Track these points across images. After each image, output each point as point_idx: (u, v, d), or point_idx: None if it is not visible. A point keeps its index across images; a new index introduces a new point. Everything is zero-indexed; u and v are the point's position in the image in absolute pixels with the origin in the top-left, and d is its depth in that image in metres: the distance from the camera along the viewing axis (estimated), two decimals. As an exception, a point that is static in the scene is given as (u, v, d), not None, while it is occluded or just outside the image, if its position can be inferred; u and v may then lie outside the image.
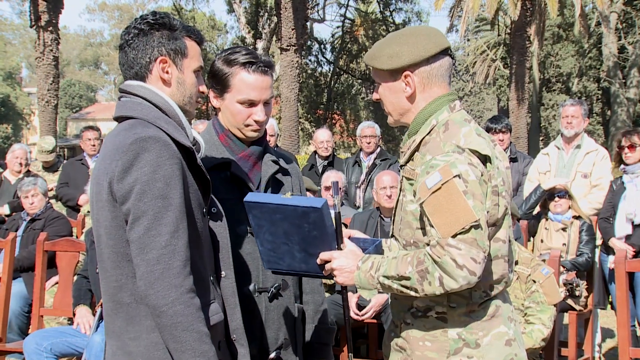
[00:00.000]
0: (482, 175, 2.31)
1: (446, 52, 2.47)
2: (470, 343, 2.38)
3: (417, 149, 2.46)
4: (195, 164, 2.34)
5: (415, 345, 2.45)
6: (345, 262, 2.47)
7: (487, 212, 2.32)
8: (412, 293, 2.32)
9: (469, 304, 2.40)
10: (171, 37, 2.37)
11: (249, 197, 2.51)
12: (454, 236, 2.23)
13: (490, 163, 2.36)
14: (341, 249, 2.52)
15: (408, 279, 2.31)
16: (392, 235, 2.65)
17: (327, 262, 2.51)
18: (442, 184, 2.26)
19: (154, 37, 2.35)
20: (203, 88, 2.48)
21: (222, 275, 2.47)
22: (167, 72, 2.37)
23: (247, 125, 2.78)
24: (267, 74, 2.77)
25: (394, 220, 2.59)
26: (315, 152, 8.25)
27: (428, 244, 2.34)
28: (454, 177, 2.25)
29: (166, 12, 2.49)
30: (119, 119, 2.37)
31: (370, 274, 2.40)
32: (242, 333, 2.49)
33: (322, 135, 8.21)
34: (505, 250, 2.42)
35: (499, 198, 2.37)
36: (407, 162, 2.50)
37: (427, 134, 2.44)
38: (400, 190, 2.52)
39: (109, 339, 2.33)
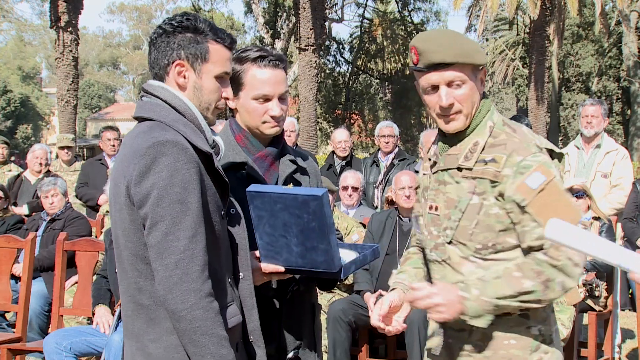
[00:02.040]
0: (560, 173, 2.39)
1: None
2: (546, 338, 2.42)
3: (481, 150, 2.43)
4: (213, 166, 2.33)
5: (499, 344, 2.42)
6: (447, 295, 2.32)
7: None
8: (534, 305, 2.32)
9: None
10: (193, 40, 2.32)
11: (252, 187, 2.51)
12: None
13: (560, 161, 2.44)
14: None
15: (530, 292, 2.28)
16: (449, 242, 2.48)
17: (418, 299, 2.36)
18: (547, 184, 2.29)
19: (176, 40, 2.32)
20: (226, 94, 2.46)
21: (240, 277, 2.46)
22: (183, 77, 2.34)
23: (265, 122, 2.76)
24: (278, 68, 2.74)
25: (457, 225, 2.44)
26: (333, 152, 8.25)
27: (532, 248, 2.33)
28: (554, 177, 2.30)
29: (196, 14, 2.44)
30: (138, 119, 2.36)
31: (482, 299, 2.30)
32: (259, 335, 2.49)
33: (340, 135, 8.21)
34: None
35: None
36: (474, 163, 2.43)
37: (490, 136, 2.43)
38: (474, 193, 2.41)
39: (128, 339, 2.33)
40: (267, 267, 2.56)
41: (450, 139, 2.50)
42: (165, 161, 2.16)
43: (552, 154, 2.41)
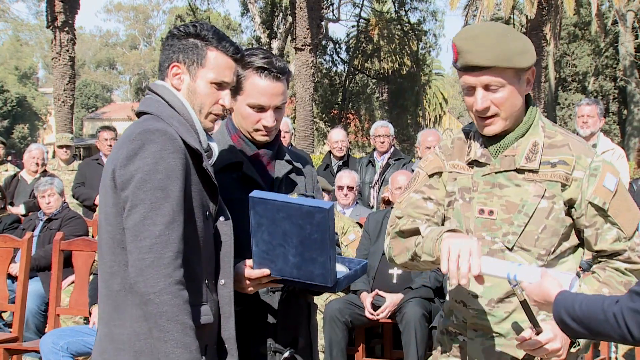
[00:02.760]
0: None
1: None
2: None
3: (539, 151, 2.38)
4: (201, 166, 2.36)
5: None
6: (562, 339, 2.23)
7: None
8: None
9: None
10: (194, 45, 2.40)
11: (255, 193, 2.49)
12: (633, 234, 2.31)
13: None
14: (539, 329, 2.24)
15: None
16: (509, 249, 2.39)
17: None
18: (618, 185, 2.32)
19: (179, 44, 2.41)
20: (224, 101, 2.47)
21: (221, 283, 2.46)
22: (179, 79, 2.42)
23: (257, 130, 2.78)
24: (279, 80, 2.75)
25: (523, 230, 2.36)
26: (330, 152, 8.25)
27: (601, 253, 2.36)
28: (620, 175, 2.35)
29: (208, 23, 2.53)
30: (139, 115, 2.43)
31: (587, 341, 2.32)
32: (234, 344, 2.47)
33: (337, 135, 8.21)
34: None
35: None
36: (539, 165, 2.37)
37: (545, 136, 2.39)
38: (544, 197, 2.35)
39: (99, 324, 2.37)
40: (250, 273, 2.53)
41: (499, 139, 2.42)
42: (152, 148, 2.21)
43: None
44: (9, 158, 14.07)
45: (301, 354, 2.84)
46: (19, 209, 7.83)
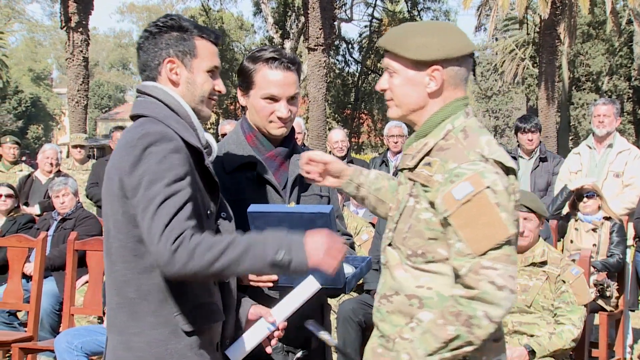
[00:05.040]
0: (508, 186, 2.16)
1: (472, 55, 2.35)
2: None
3: (427, 153, 2.27)
4: (203, 164, 2.35)
5: None
6: None
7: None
8: (469, 349, 2.11)
9: None
10: (180, 38, 2.38)
11: (252, 207, 2.48)
12: (484, 254, 2.08)
13: (515, 176, 2.22)
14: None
15: (457, 338, 2.09)
16: (389, 245, 2.35)
17: None
18: (474, 196, 2.10)
19: (162, 40, 2.38)
20: (219, 87, 2.46)
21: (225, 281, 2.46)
22: (175, 74, 2.38)
23: (271, 122, 2.78)
24: (290, 70, 2.76)
25: (395, 227, 2.32)
26: (330, 152, 8.23)
27: (455, 270, 2.16)
28: (486, 188, 2.10)
29: (179, 14, 2.50)
30: (133, 118, 2.40)
31: None
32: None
33: (337, 135, 8.16)
34: None
35: (518, 213, 2.24)
36: (416, 166, 2.29)
37: (442, 139, 2.26)
38: (411, 195, 2.28)
39: (111, 333, 2.34)
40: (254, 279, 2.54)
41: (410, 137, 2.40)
42: (154, 150, 2.18)
43: (504, 168, 2.19)
44: (24, 158, 14.16)
45: (314, 355, 2.83)
46: (34, 209, 7.86)
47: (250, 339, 2.43)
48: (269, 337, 2.47)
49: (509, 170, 2.20)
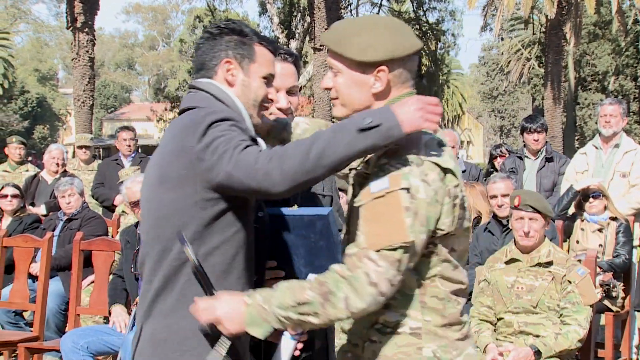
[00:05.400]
0: (435, 194, 2.11)
1: (418, 52, 2.30)
2: None
3: None
4: None
5: None
6: (230, 305, 2.15)
7: (441, 230, 2.15)
8: (311, 319, 2.08)
9: (443, 316, 2.22)
10: (240, 41, 2.41)
11: None
12: (378, 251, 2.05)
13: (453, 175, 2.17)
14: (213, 295, 2.21)
15: (308, 304, 2.06)
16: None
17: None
18: (387, 193, 2.07)
19: (222, 41, 2.41)
20: (273, 96, 2.48)
21: (254, 279, 2.45)
22: (232, 74, 2.40)
23: (271, 114, 2.69)
24: (287, 61, 2.76)
25: (348, 230, 2.30)
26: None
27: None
28: (401, 189, 2.07)
29: (240, 20, 2.52)
30: (182, 111, 2.40)
31: (262, 307, 2.11)
32: (247, 342, 2.44)
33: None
34: (463, 260, 2.28)
35: (465, 212, 2.22)
36: (359, 164, 2.28)
37: None
38: (354, 194, 2.24)
39: (151, 319, 2.30)
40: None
41: None
42: (220, 123, 2.19)
43: (441, 169, 2.15)
44: (30, 158, 14.18)
45: (317, 356, 2.82)
46: (40, 209, 7.88)
47: (284, 354, 2.42)
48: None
49: (446, 171, 2.16)
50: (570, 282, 4.44)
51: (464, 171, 7.21)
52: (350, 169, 2.35)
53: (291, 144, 2.13)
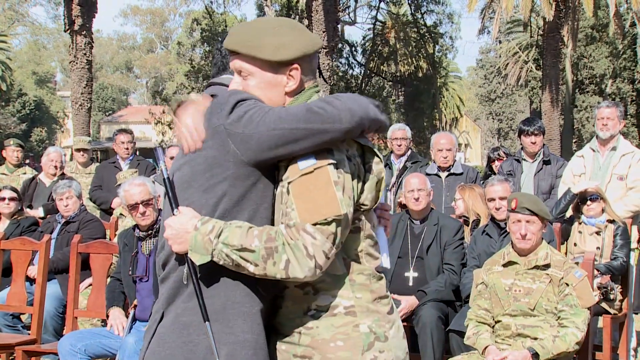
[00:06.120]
0: (356, 168, 2.22)
1: (320, 49, 2.40)
2: (380, 336, 2.25)
3: None
4: None
5: (325, 348, 2.22)
6: (179, 226, 2.20)
7: (365, 205, 2.25)
8: (250, 268, 2.12)
9: (372, 291, 2.28)
10: None
11: None
12: (314, 225, 2.10)
13: (372, 154, 2.27)
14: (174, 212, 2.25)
15: (252, 252, 2.10)
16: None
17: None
18: (315, 169, 2.13)
19: None
20: None
21: None
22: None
23: None
24: None
25: (272, 219, 2.28)
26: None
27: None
28: (329, 164, 2.14)
29: None
30: None
31: (209, 237, 2.14)
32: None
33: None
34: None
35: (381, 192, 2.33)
36: None
37: None
38: (279, 182, 2.25)
39: (174, 306, 2.27)
40: None
41: None
42: (245, 100, 2.23)
43: (359, 146, 2.26)
44: (27, 161, 14.18)
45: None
46: (38, 212, 7.87)
47: None
48: None
49: (364, 149, 2.26)
50: (567, 284, 4.44)
51: (461, 173, 7.22)
52: None
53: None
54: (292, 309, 2.28)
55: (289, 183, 2.16)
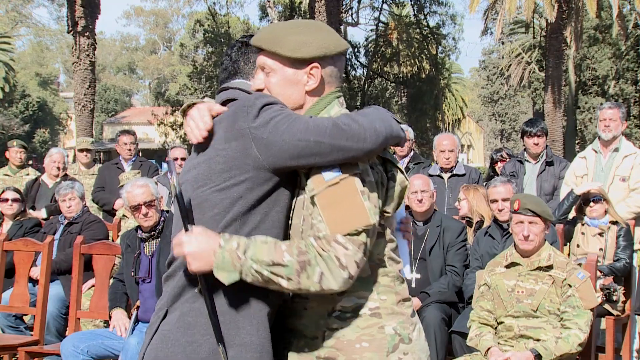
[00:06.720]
0: (380, 177, 2.24)
1: (345, 53, 2.39)
2: (404, 338, 2.27)
3: None
4: None
5: (350, 349, 2.23)
6: (199, 244, 2.15)
7: (388, 212, 2.27)
8: (283, 283, 2.11)
9: (396, 293, 2.30)
10: None
11: None
12: (344, 235, 2.11)
13: (392, 164, 2.30)
14: (188, 230, 2.21)
15: (285, 266, 2.10)
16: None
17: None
18: (341, 179, 2.14)
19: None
20: None
21: None
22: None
23: None
24: None
25: (290, 224, 2.29)
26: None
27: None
28: (355, 174, 2.15)
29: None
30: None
31: (237, 253, 2.11)
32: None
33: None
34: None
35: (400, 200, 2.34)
36: None
37: None
38: (300, 188, 2.26)
39: (179, 304, 2.26)
40: None
41: None
42: (272, 105, 2.23)
43: (379, 158, 2.28)
44: (30, 162, 14.17)
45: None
46: (41, 213, 7.88)
47: None
48: None
49: (385, 161, 2.28)
50: (570, 285, 4.43)
51: (463, 174, 7.22)
52: None
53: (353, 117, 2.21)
54: (317, 309, 2.28)
55: (313, 195, 2.16)
